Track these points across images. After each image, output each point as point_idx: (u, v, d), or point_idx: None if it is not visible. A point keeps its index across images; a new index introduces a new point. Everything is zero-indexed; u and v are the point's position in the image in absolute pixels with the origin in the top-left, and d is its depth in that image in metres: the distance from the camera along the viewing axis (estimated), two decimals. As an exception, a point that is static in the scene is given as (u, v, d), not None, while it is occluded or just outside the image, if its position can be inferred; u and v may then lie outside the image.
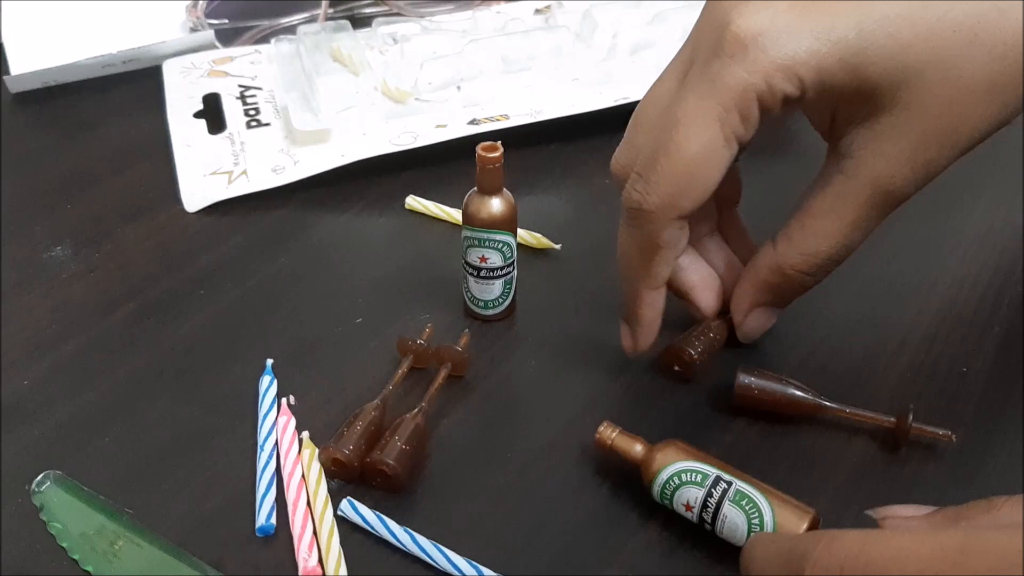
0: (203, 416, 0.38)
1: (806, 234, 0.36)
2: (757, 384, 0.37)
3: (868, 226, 0.36)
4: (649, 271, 0.37)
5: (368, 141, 0.50)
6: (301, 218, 0.48)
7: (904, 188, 0.35)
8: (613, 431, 0.35)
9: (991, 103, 0.34)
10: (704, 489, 0.33)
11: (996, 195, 0.48)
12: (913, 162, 0.35)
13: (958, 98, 0.34)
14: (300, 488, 0.35)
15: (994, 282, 0.43)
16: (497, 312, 0.42)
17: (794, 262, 0.37)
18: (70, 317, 0.43)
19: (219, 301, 0.43)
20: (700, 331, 0.39)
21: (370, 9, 0.63)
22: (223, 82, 0.56)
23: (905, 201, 0.36)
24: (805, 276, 0.37)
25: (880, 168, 0.35)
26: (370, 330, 0.42)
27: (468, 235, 0.40)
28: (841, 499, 0.35)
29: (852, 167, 0.35)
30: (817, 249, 0.36)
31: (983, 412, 0.38)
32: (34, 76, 0.56)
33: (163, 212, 0.48)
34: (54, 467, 0.36)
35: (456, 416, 0.38)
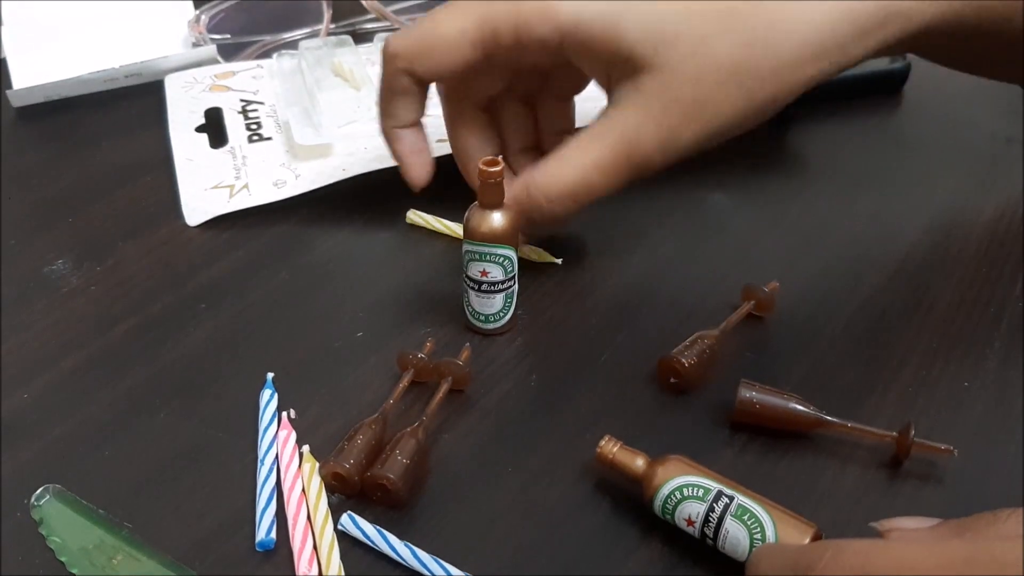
0: (203, 430, 0.38)
1: (557, 165, 0.40)
2: (758, 399, 0.37)
3: (611, 173, 0.39)
4: (385, 108, 0.42)
5: (369, 156, 0.50)
6: (302, 232, 0.48)
7: (647, 147, 0.39)
8: (614, 445, 0.35)
9: (735, 87, 0.38)
10: (706, 504, 0.33)
11: (997, 212, 0.48)
12: (658, 124, 0.38)
13: (705, 73, 0.38)
14: (300, 502, 0.35)
15: (995, 298, 0.43)
16: (498, 326, 0.42)
17: (538, 180, 0.40)
18: (71, 331, 0.43)
19: (220, 315, 0.43)
20: (692, 341, 0.40)
21: (372, 24, 0.63)
22: (225, 97, 0.56)
23: (651, 167, 0.39)
24: (543, 202, 0.40)
25: (630, 120, 0.39)
26: (371, 344, 0.42)
27: (469, 249, 0.40)
28: (843, 514, 0.35)
29: (610, 113, 0.39)
30: (560, 174, 0.40)
31: (985, 427, 0.38)
32: (36, 91, 0.56)
33: (164, 227, 0.48)
34: (53, 481, 0.36)
35: (457, 431, 0.38)
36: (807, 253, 0.46)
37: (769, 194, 0.50)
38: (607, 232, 0.48)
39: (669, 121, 0.38)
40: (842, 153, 0.53)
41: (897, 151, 0.53)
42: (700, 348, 0.39)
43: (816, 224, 0.48)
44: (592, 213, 0.49)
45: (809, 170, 0.52)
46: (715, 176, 0.51)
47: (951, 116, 0.55)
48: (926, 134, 0.54)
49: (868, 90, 0.57)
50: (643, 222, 0.48)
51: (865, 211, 0.49)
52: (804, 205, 0.49)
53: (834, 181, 0.51)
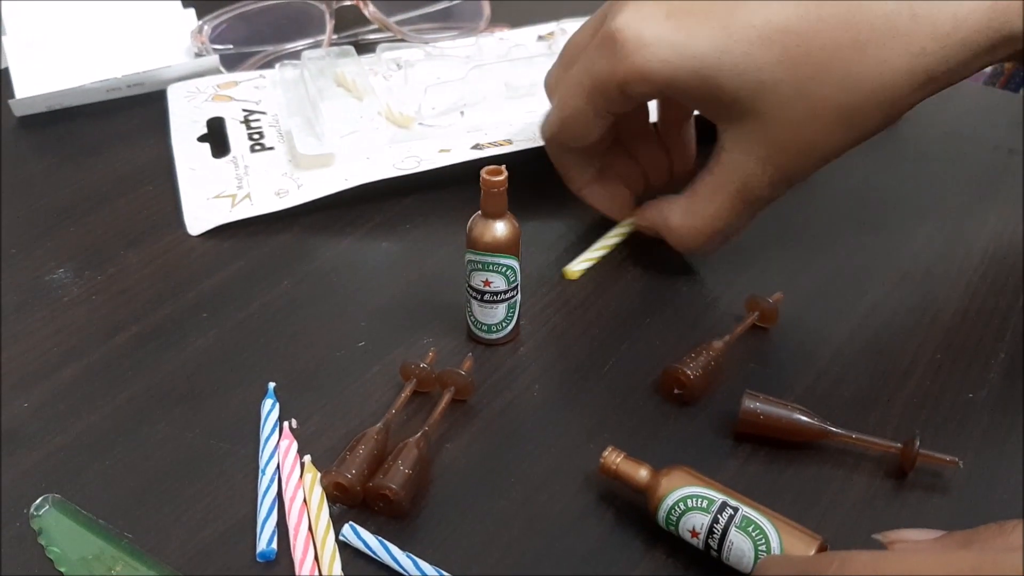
0: (204, 440, 0.38)
1: (689, 214, 0.43)
2: (763, 410, 0.37)
3: (733, 217, 0.42)
4: (566, 176, 0.46)
5: (372, 165, 0.50)
6: (304, 242, 0.48)
7: (764, 189, 0.41)
8: (618, 456, 0.35)
9: (841, 127, 0.38)
10: (710, 515, 0.32)
11: (999, 223, 0.48)
12: (769, 165, 0.40)
13: (809, 116, 0.38)
14: (302, 513, 0.35)
15: (999, 309, 0.43)
16: (501, 336, 0.42)
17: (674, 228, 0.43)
18: (71, 340, 0.43)
19: (221, 325, 0.43)
20: (697, 352, 0.39)
21: (374, 35, 0.63)
22: (227, 106, 0.56)
23: (770, 201, 0.41)
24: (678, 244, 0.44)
25: (741, 168, 0.40)
26: (373, 354, 0.42)
27: (472, 259, 0.40)
28: (848, 526, 0.35)
29: (724, 160, 0.41)
30: (692, 225, 0.43)
31: (990, 438, 0.38)
32: (39, 100, 0.56)
33: (166, 236, 0.48)
34: (53, 491, 0.36)
35: (459, 441, 0.38)
36: (810, 264, 0.46)
37: (773, 205, 0.50)
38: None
39: (780, 163, 0.40)
40: (844, 163, 0.52)
41: (899, 162, 0.53)
42: (705, 359, 0.39)
43: (819, 234, 0.48)
44: (593, 224, 0.49)
45: (812, 180, 0.52)
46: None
47: (954, 128, 0.55)
48: (929, 145, 0.54)
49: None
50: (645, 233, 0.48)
51: (868, 222, 0.49)
52: (807, 216, 0.49)
53: (837, 192, 0.51)
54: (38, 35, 0.59)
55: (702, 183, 0.42)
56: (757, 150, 0.40)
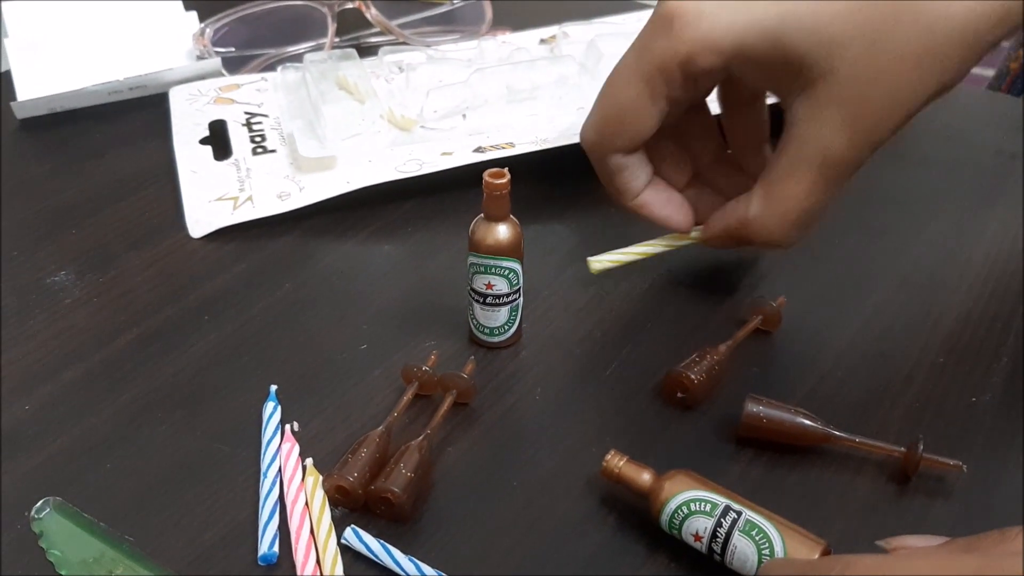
0: (206, 443, 0.38)
1: (768, 199, 0.39)
2: (765, 413, 0.37)
3: (821, 192, 0.39)
4: (617, 189, 0.42)
5: (373, 168, 0.50)
6: (306, 245, 0.48)
7: (847, 153, 0.38)
8: (620, 460, 0.35)
9: (922, 73, 0.36)
10: (713, 519, 0.32)
11: (1001, 227, 0.48)
12: (852, 128, 0.37)
13: (887, 68, 0.36)
14: (303, 516, 0.35)
15: (1001, 313, 0.43)
16: (503, 339, 0.42)
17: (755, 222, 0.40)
18: (73, 343, 0.43)
19: (223, 327, 0.43)
20: (700, 356, 0.39)
21: (376, 38, 0.63)
22: (229, 109, 0.56)
23: (856, 168, 0.38)
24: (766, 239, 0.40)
25: (823, 136, 0.37)
26: (374, 357, 0.42)
27: (474, 262, 0.40)
28: (851, 530, 0.35)
29: (799, 135, 0.38)
30: (777, 212, 0.39)
31: (992, 442, 0.38)
32: (41, 102, 0.56)
33: (168, 238, 0.48)
34: (54, 494, 0.36)
35: (461, 444, 0.38)
36: (812, 268, 0.46)
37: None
38: (612, 245, 0.48)
39: (862, 123, 0.37)
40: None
41: (901, 166, 0.53)
42: (708, 364, 0.39)
43: (821, 239, 0.48)
44: (596, 226, 0.49)
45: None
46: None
47: (956, 132, 0.55)
48: (930, 150, 0.54)
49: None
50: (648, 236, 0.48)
51: (870, 226, 0.49)
52: (809, 220, 0.49)
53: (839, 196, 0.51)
54: (40, 37, 0.59)
55: (777, 165, 0.39)
56: (834, 114, 0.37)
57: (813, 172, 0.38)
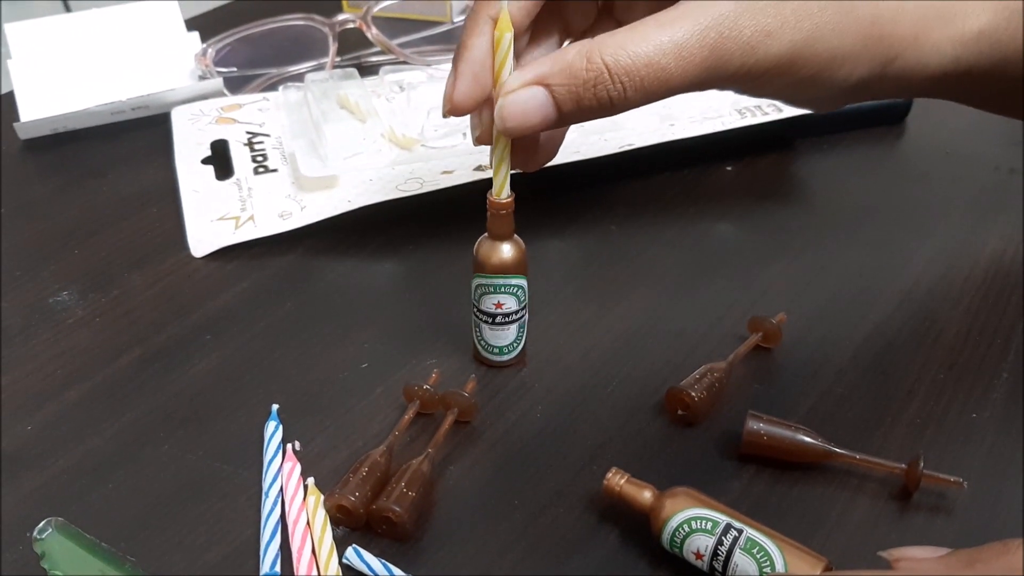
0: (208, 462, 0.38)
1: (631, 35, 0.33)
2: (766, 430, 0.37)
3: (688, 61, 0.33)
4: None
5: (375, 187, 0.50)
6: (307, 264, 0.48)
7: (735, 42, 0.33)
8: (621, 478, 0.35)
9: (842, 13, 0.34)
10: (715, 537, 0.32)
11: (1001, 242, 0.48)
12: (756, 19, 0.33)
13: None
14: (305, 535, 0.35)
15: (1001, 329, 0.43)
16: (512, 357, 0.41)
17: (605, 53, 0.33)
18: (75, 362, 0.43)
19: (225, 347, 0.43)
20: (701, 374, 0.39)
21: (377, 57, 0.64)
22: (231, 129, 0.56)
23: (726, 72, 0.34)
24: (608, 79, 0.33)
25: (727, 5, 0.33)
26: (376, 375, 0.42)
27: (481, 283, 0.40)
28: (852, 547, 0.35)
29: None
30: (632, 47, 0.33)
31: (994, 459, 0.38)
32: (43, 123, 0.57)
33: (170, 258, 0.48)
34: (56, 514, 0.36)
35: (463, 463, 0.38)
36: (813, 284, 0.46)
37: (774, 225, 0.50)
38: (612, 262, 0.48)
39: (767, 21, 0.34)
40: (846, 184, 0.53)
41: (901, 182, 0.53)
42: (709, 381, 0.39)
43: (821, 255, 0.48)
44: (596, 243, 0.49)
45: (814, 201, 0.52)
46: (720, 207, 0.51)
47: (954, 147, 0.55)
48: (929, 165, 0.54)
49: (871, 121, 0.57)
50: (649, 252, 0.48)
51: (870, 242, 0.49)
52: (809, 236, 0.49)
53: (839, 212, 0.51)
54: (43, 58, 0.59)
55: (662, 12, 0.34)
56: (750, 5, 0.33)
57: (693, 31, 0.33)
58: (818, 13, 0.35)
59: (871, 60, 0.36)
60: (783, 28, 0.34)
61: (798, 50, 0.34)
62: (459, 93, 0.35)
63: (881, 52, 0.36)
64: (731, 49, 0.33)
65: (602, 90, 0.33)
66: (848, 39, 0.35)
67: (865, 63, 0.36)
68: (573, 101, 0.34)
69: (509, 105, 0.34)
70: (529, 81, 0.34)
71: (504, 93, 0.34)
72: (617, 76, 0.33)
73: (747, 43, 0.34)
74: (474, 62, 0.35)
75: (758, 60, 0.34)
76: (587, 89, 0.33)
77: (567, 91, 0.34)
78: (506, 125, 0.34)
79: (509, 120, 0.34)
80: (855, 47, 0.35)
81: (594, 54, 0.33)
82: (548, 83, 0.34)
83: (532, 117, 0.34)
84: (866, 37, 0.36)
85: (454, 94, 0.35)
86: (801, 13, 0.34)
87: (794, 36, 0.34)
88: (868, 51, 0.36)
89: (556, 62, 0.34)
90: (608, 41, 0.33)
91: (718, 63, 0.34)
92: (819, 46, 0.35)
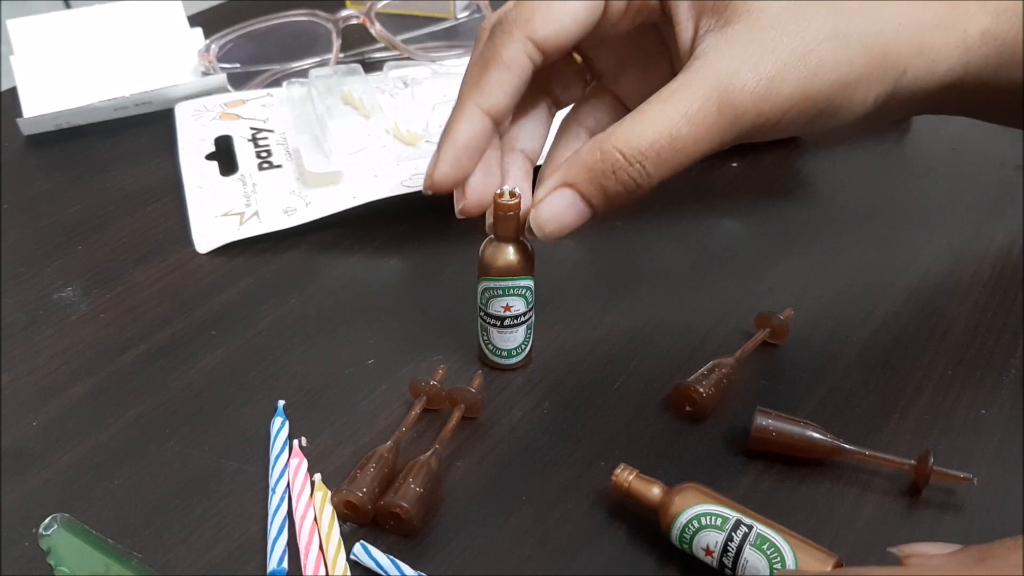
0: (214, 458, 0.38)
1: (638, 118, 0.35)
2: (775, 426, 0.37)
3: (701, 124, 0.34)
4: (480, 82, 0.37)
5: (379, 183, 0.50)
6: (312, 260, 0.48)
7: (742, 95, 0.34)
8: (630, 474, 0.35)
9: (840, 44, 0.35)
10: (724, 533, 0.32)
11: (1008, 238, 0.48)
12: (756, 70, 0.34)
13: (806, 24, 0.35)
14: (312, 531, 0.35)
15: (1009, 325, 0.43)
16: (520, 360, 0.41)
17: (617, 141, 0.35)
18: (79, 358, 0.43)
19: (230, 343, 0.43)
20: (709, 370, 0.39)
21: (381, 53, 0.63)
22: (235, 125, 0.56)
23: (743, 124, 0.35)
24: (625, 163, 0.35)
25: (723, 65, 0.34)
26: (382, 372, 0.41)
27: (489, 286, 0.39)
28: (862, 543, 0.34)
29: (698, 65, 0.35)
30: (644, 132, 0.34)
31: (1003, 455, 0.38)
32: (47, 119, 0.56)
33: (174, 254, 0.48)
34: (62, 510, 0.36)
35: (470, 459, 0.38)
36: (819, 280, 0.46)
37: (780, 221, 0.50)
38: (619, 259, 0.48)
39: (767, 70, 0.34)
40: (852, 180, 0.53)
41: (907, 178, 0.53)
42: (716, 376, 0.39)
43: (828, 251, 0.48)
44: (600, 240, 0.49)
45: (819, 197, 0.52)
46: (726, 203, 0.51)
47: (959, 143, 0.55)
48: (935, 161, 0.54)
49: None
50: (655, 249, 0.48)
51: (877, 238, 0.49)
52: (815, 232, 0.49)
53: (845, 208, 0.51)
54: (46, 54, 0.59)
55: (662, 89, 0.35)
56: (746, 52, 0.34)
57: (697, 97, 0.34)
58: (816, 49, 0.35)
59: (881, 79, 0.36)
60: (786, 70, 0.35)
61: (807, 86, 0.35)
62: (439, 174, 0.37)
63: (888, 68, 0.36)
64: (741, 103, 0.34)
65: (623, 175, 0.35)
66: (853, 64, 0.36)
67: (876, 83, 0.36)
68: (599, 192, 0.35)
69: (542, 213, 0.36)
70: (553, 187, 0.36)
71: (535, 203, 0.36)
72: (633, 158, 0.34)
73: (754, 93, 0.34)
74: (456, 147, 0.37)
75: (772, 105, 0.35)
76: (608, 178, 0.35)
77: (591, 184, 0.35)
78: (545, 231, 0.36)
79: (546, 226, 0.36)
80: (862, 70, 0.36)
81: (606, 144, 0.35)
82: (571, 183, 0.36)
83: (566, 217, 0.36)
84: (870, 58, 0.36)
85: (435, 174, 0.38)
86: (799, 52, 0.35)
87: (799, 75, 0.35)
88: (876, 71, 0.36)
89: (572, 163, 0.36)
90: (617, 130, 0.35)
91: (732, 119, 0.35)
92: (827, 77, 0.35)
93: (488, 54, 0.37)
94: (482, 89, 0.37)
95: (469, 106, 0.37)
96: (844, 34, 0.35)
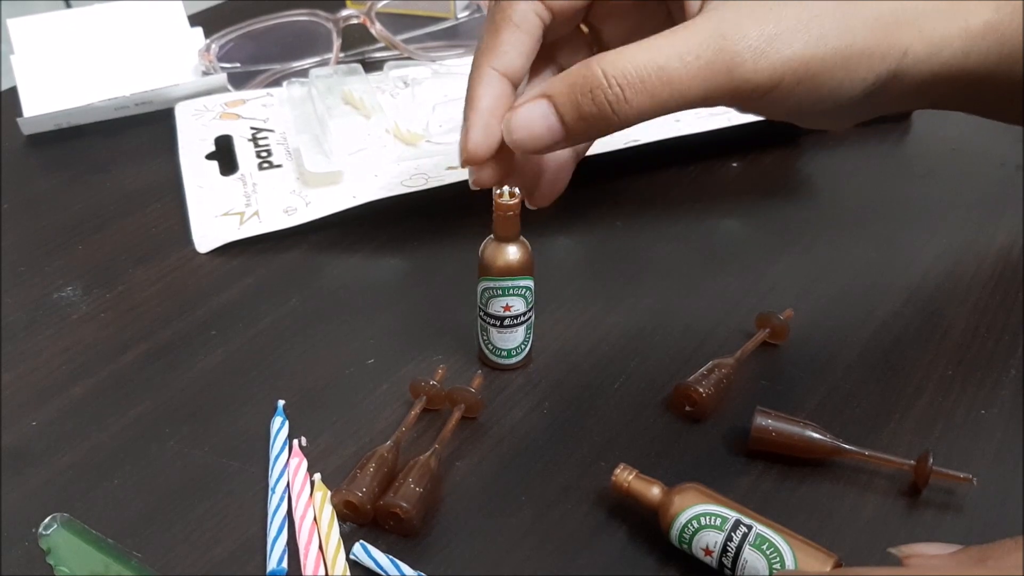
0: (214, 458, 0.38)
1: (632, 46, 0.34)
2: (775, 426, 0.37)
3: (695, 68, 0.33)
4: (493, 44, 0.36)
5: (379, 183, 0.50)
6: (312, 259, 0.48)
7: (743, 48, 0.33)
8: (630, 474, 0.35)
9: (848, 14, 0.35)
10: (724, 533, 0.32)
11: (1008, 238, 0.48)
12: (760, 26, 0.34)
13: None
14: (312, 531, 0.35)
15: (1009, 325, 0.43)
16: (519, 359, 0.41)
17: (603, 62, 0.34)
18: (80, 358, 0.43)
19: (230, 342, 0.43)
20: (709, 370, 0.39)
21: (381, 53, 0.63)
22: (235, 124, 0.56)
23: (738, 79, 0.34)
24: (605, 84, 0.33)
25: (729, 14, 0.34)
26: (382, 371, 0.41)
27: (489, 286, 0.39)
28: (862, 543, 0.34)
29: (706, 9, 0.35)
30: (633, 58, 0.33)
31: (1003, 455, 0.38)
32: (47, 118, 0.56)
33: (174, 253, 0.48)
34: (62, 510, 0.36)
35: (470, 458, 0.38)
36: (819, 280, 0.46)
37: (780, 221, 0.50)
38: (619, 259, 0.48)
39: (771, 28, 0.34)
40: (852, 180, 0.53)
41: (907, 178, 0.53)
42: (716, 377, 0.39)
43: (828, 251, 0.48)
44: (601, 240, 0.49)
45: (819, 197, 0.52)
46: (727, 203, 0.51)
47: (959, 143, 0.55)
48: (935, 161, 0.54)
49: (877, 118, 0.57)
50: (655, 249, 0.48)
51: (877, 238, 0.49)
52: (815, 232, 0.49)
53: (845, 208, 0.51)
54: (46, 53, 0.59)
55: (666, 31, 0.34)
56: (752, 7, 0.34)
57: (697, 40, 0.33)
58: (821, 15, 0.35)
59: (884, 56, 0.36)
60: (789, 33, 0.34)
61: (809, 53, 0.35)
62: (473, 143, 0.36)
63: (891, 47, 0.36)
64: (739, 52, 0.34)
65: (599, 95, 0.34)
66: (856, 37, 0.35)
67: (878, 60, 0.36)
68: (573, 109, 0.34)
69: (515, 119, 0.35)
70: (533, 96, 0.35)
71: (512, 108, 0.35)
72: (614, 79, 0.33)
73: (753, 46, 0.34)
74: (483, 112, 0.36)
75: (770, 64, 0.34)
76: (584, 96, 0.34)
77: (567, 99, 0.34)
78: (512, 137, 0.35)
79: (516, 132, 0.35)
80: (864, 44, 0.35)
81: (592, 63, 0.34)
82: (550, 95, 0.35)
83: (536, 127, 0.35)
84: (872, 33, 0.36)
85: (468, 144, 0.37)
86: (804, 18, 0.35)
87: (802, 38, 0.34)
88: (879, 47, 0.36)
89: (559, 77, 0.35)
90: (607, 54, 0.34)
91: (726, 69, 0.34)
92: (829, 46, 0.35)
93: (498, 17, 0.37)
94: (496, 51, 0.36)
95: (486, 70, 0.37)
96: (850, 7, 0.35)
